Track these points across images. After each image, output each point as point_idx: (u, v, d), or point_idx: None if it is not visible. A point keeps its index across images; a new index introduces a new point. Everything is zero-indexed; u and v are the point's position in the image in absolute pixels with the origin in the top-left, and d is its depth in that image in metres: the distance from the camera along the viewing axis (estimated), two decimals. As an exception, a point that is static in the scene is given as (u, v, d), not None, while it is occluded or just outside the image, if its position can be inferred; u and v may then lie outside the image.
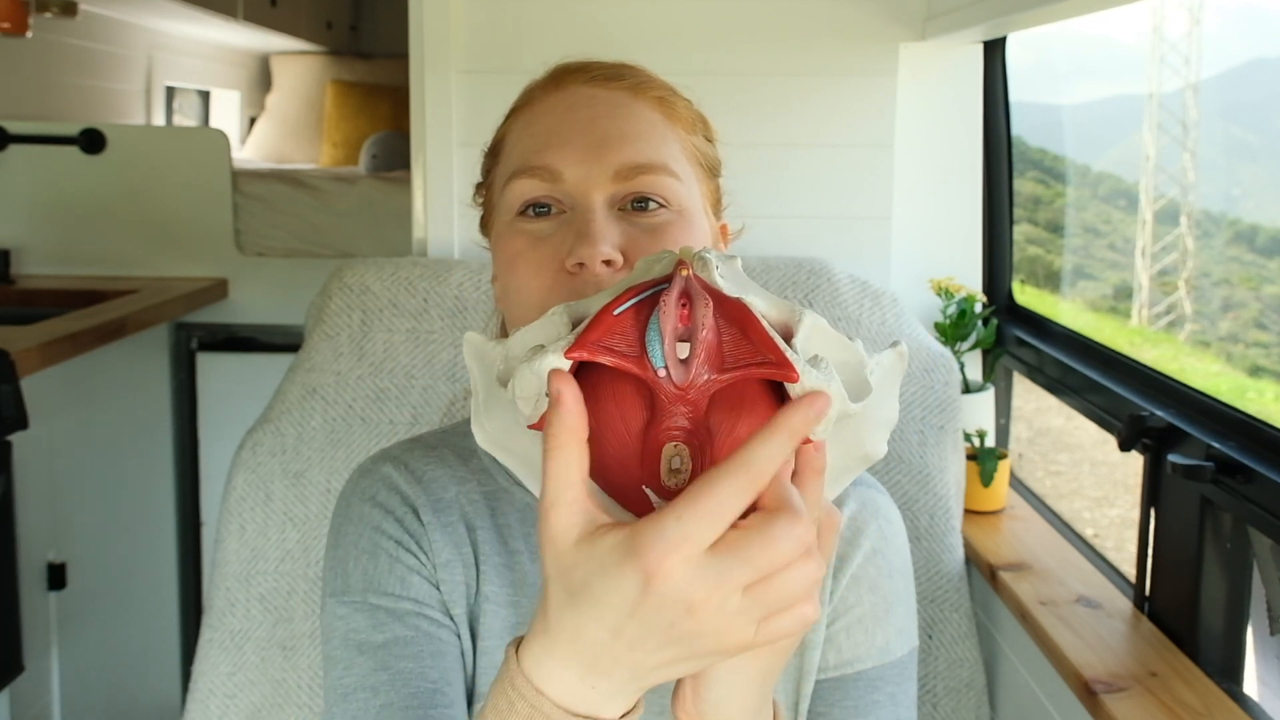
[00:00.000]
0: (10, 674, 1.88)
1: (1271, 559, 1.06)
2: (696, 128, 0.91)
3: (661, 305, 0.59)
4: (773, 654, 0.68)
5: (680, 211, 0.84)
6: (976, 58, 1.60)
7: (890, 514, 0.93)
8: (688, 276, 0.61)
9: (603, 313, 0.60)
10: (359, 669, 0.84)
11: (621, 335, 0.59)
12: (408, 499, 0.89)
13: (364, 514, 0.89)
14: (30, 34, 2.75)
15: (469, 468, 0.92)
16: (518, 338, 0.65)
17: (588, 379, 0.60)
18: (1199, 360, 3.41)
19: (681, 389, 0.58)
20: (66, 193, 2.80)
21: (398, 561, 0.87)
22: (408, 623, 0.85)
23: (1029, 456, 3.47)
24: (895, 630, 0.90)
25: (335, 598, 0.87)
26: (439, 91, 1.57)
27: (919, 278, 1.57)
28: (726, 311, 0.60)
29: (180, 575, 2.80)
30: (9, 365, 1.80)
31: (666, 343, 0.58)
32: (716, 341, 0.59)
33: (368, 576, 0.86)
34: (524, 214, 0.84)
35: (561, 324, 0.64)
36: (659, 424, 0.58)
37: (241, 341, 2.85)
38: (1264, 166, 3.55)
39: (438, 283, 1.37)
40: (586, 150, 0.83)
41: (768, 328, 0.60)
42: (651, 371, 0.58)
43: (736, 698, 0.69)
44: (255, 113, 4.60)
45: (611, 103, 0.86)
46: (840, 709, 0.88)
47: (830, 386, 0.59)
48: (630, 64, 0.90)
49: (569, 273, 0.79)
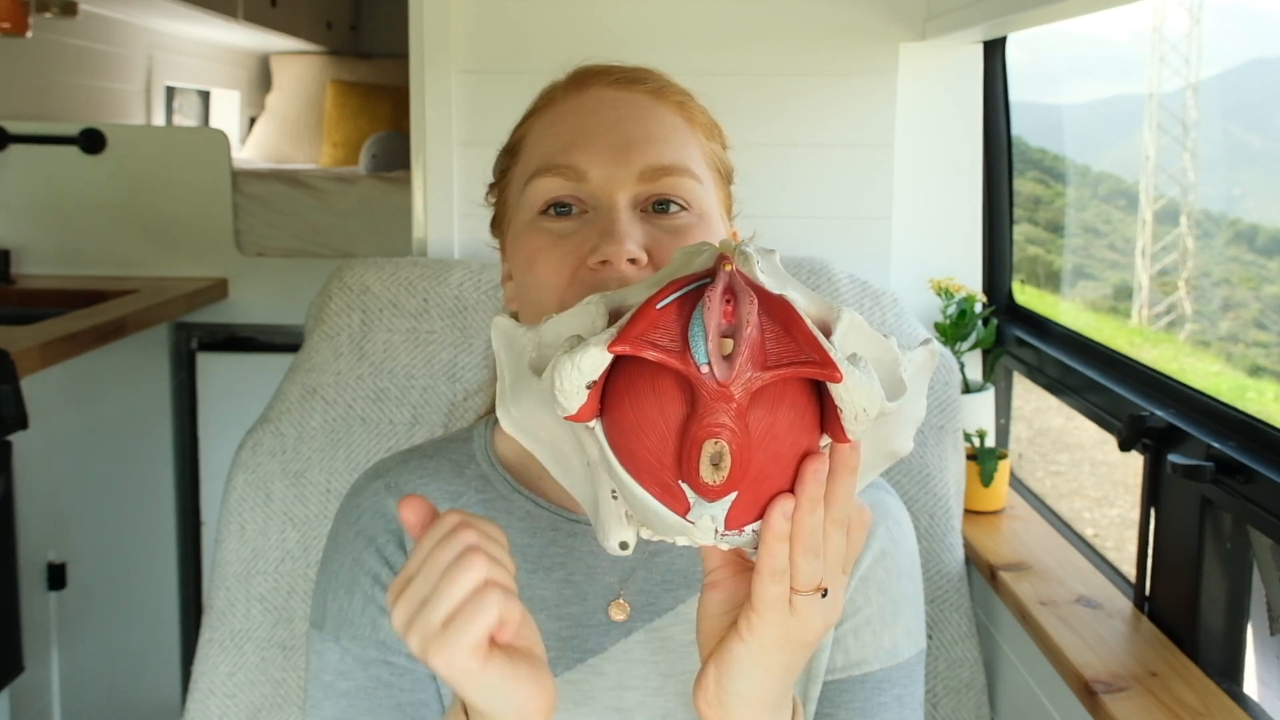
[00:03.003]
0: (10, 674, 1.88)
1: (1271, 559, 1.06)
2: (713, 134, 0.92)
3: (706, 301, 0.58)
4: (795, 649, 0.68)
5: (701, 215, 0.84)
6: (976, 58, 1.60)
7: (900, 516, 0.93)
8: (732, 272, 0.60)
9: (646, 306, 0.59)
10: (324, 712, 0.86)
11: (664, 329, 0.59)
12: (392, 524, 0.89)
13: (347, 543, 0.90)
14: (30, 34, 2.74)
15: (464, 479, 0.92)
16: (550, 325, 0.65)
17: (626, 370, 0.60)
18: (1199, 360, 3.41)
19: (724, 385, 0.57)
20: (66, 193, 2.80)
21: (371, 601, 0.87)
22: (370, 672, 0.86)
23: (1029, 456, 3.46)
24: (903, 632, 0.90)
25: (315, 628, 0.89)
26: (439, 91, 1.57)
27: (919, 278, 1.57)
28: (770, 308, 0.60)
29: (180, 575, 2.80)
30: (9, 365, 1.80)
31: (710, 339, 0.58)
32: (760, 339, 0.58)
33: (342, 614, 0.87)
34: (545, 213, 0.84)
35: (598, 314, 0.63)
36: (700, 420, 0.58)
37: (241, 341, 2.85)
38: (1264, 166, 3.55)
39: (438, 283, 1.37)
40: (612, 151, 0.83)
41: (811, 326, 0.59)
42: (694, 367, 0.57)
43: (758, 690, 0.69)
44: (255, 113, 4.60)
45: (635, 105, 0.87)
46: (847, 710, 0.88)
47: (872, 386, 0.59)
48: (649, 68, 0.91)
49: (590, 270, 0.79)
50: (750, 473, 0.60)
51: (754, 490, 0.61)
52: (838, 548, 0.65)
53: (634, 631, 0.87)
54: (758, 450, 0.59)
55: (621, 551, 0.66)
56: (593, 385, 0.60)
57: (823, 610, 0.67)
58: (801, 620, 0.66)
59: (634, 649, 0.86)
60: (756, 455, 0.59)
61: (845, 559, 0.67)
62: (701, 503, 0.60)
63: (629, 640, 0.87)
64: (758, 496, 0.62)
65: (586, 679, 0.86)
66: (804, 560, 0.64)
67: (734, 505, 0.61)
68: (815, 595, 0.66)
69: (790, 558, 0.64)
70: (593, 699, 0.86)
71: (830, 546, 0.65)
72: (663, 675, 0.86)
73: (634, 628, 0.87)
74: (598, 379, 0.60)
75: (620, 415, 0.61)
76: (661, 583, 0.88)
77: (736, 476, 0.59)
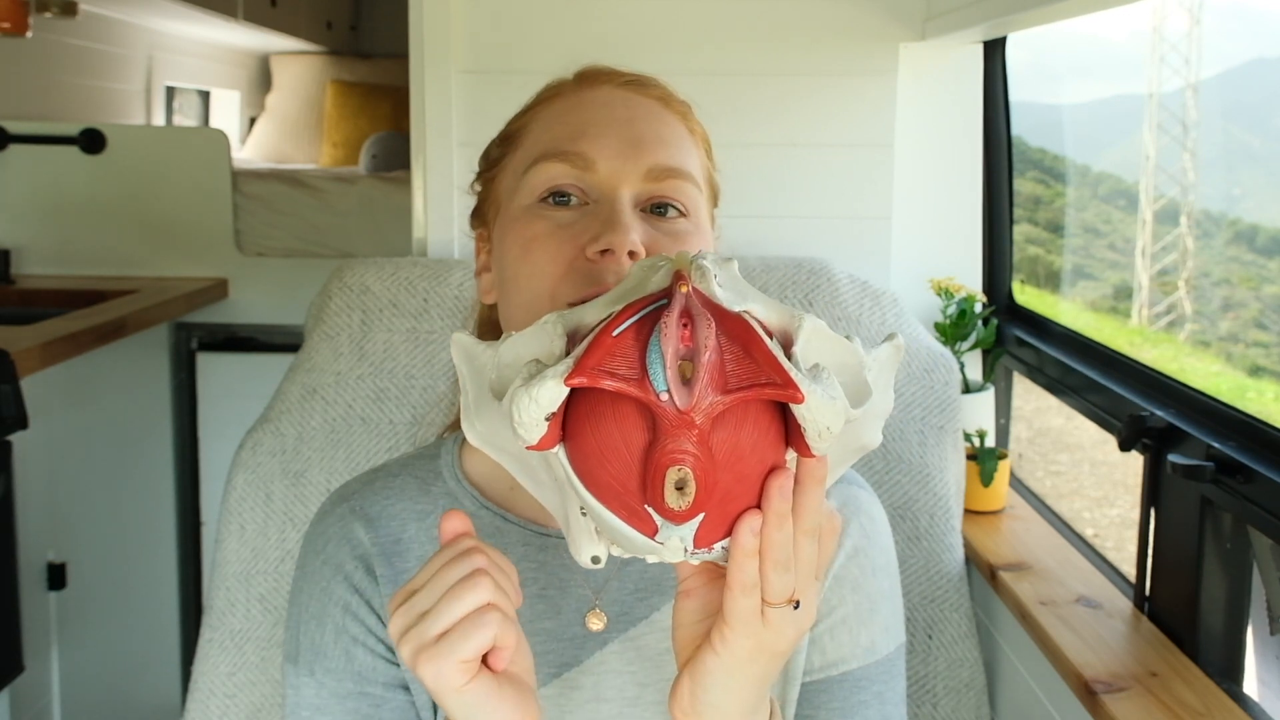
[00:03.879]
0: (10, 674, 1.88)
1: (1271, 559, 1.06)
2: (709, 151, 0.92)
3: (663, 326, 0.58)
4: (768, 659, 0.68)
5: (697, 225, 0.85)
6: (976, 58, 1.60)
7: (873, 511, 0.93)
8: (687, 293, 0.60)
9: (602, 334, 0.58)
10: None
11: (622, 357, 0.58)
12: (359, 549, 0.88)
13: (315, 572, 0.89)
14: (30, 34, 2.74)
15: (431, 496, 0.90)
16: (508, 345, 0.64)
17: (587, 396, 0.60)
18: (1199, 360, 3.40)
19: (684, 412, 0.57)
20: (66, 193, 2.80)
21: (343, 632, 0.86)
22: (347, 705, 0.85)
23: (1029, 456, 3.46)
24: (881, 629, 0.90)
25: (289, 662, 0.88)
26: (439, 91, 1.57)
27: (919, 278, 1.57)
28: (729, 328, 0.59)
29: (180, 575, 2.80)
30: (9, 365, 1.80)
31: (669, 365, 0.57)
32: (719, 361, 0.58)
33: (315, 647, 0.87)
34: (544, 200, 0.83)
35: (556, 334, 0.62)
36: (662, 446, 0.57)
37: (241, 341, 2.85)
38: (1264, 166, 3.55)
39: (438, 283, 1.37)
40: (623, 145, 0.83)
41: (771, 346, 0.58)
42: (653, 395, 0.57)
43: (733, 700, 0.69)
44: (255, 113, 4.60)
45: (646, 107, 0.87)
46: (827, 710, 0.87)
47: (835, 404, 0.58)
48: (654, 76, 0.91)
49: (589, 260, 0.79)
50: (716, 495, 0.59)
51: (721, 510, 0.61)
52: (809, 558, 0.65)
53: (609, 642, 0.86)
54: (723, 472, 0.59)
55: (594, 565, 0.66)
56: (552, 416, 0.59)
57: (795, 620, 0.66)
58: (774, 631, 0.66)
59: (610, 660, 0.86)
60: (722, 477, 0.59)
61: (817, 567, 0.67)
62: (669, 525, 0.60)
63: (604, 651, 0.86)
64: (725, 516, 0.62)
65: (563, 693, 0.85)
66: (774, 574, 0.64)
67: (702, 525, 0.61)
68: (788, 607, 0.65)
69: (760, 571, 0.64)
70: (569, 714, 0.85)
71: (801, 557, 0.65)
72: (639, 685, 0.86)
73: (609, 638, 0.86)
74: (556, 410, 0.59)
75: (583, 442, 0.60)
76: (635, 591, 0.87)
77: (702, 500, 0.59)
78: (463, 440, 0.93)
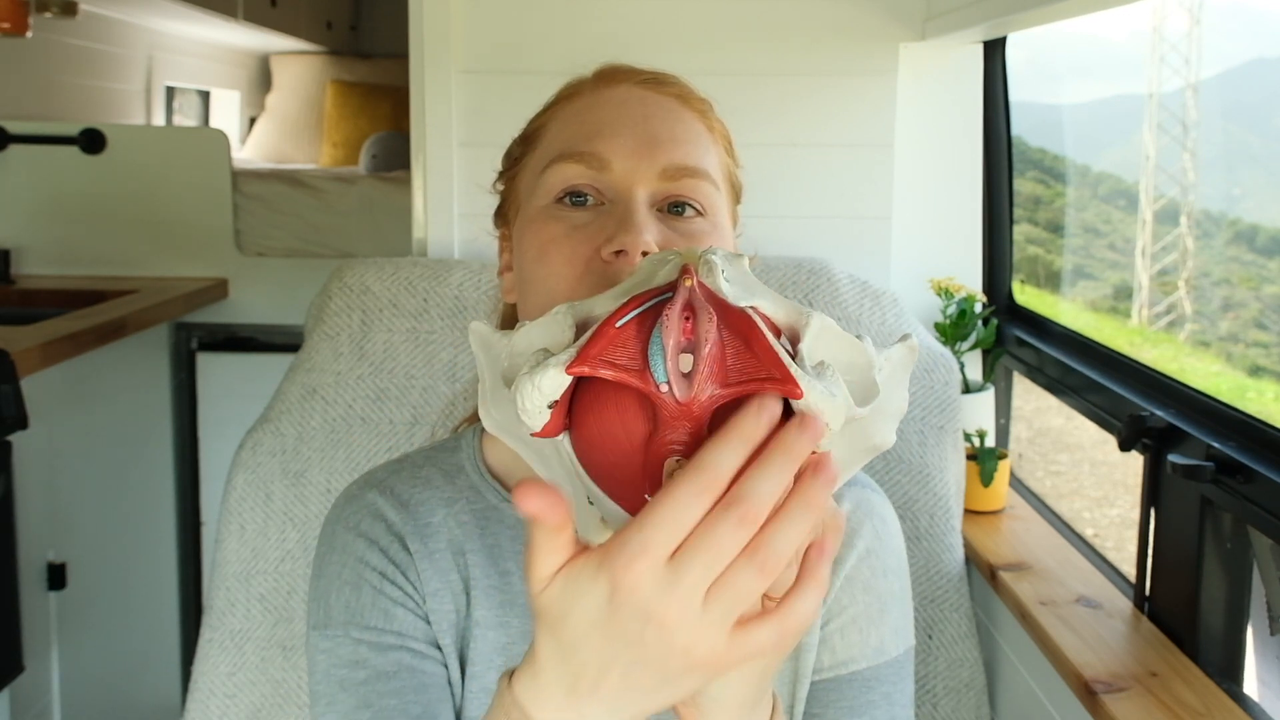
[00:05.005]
0: (10, 674, 1.88)
1: (1271, 559, 1.06)
2: (730, 149, 0.92)
3: (664, 319, 0.58)
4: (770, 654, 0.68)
5: (715, 224, 0.84)
6: (976, 58, 1.60)
7: (885, 514, 0.93)
8: (691, 287, 0.60)
9: (605, 325, 0.59)
10: (341, 706, 0.83)
11: (624, 348, 0.58)
12: (394, 528, 0.88)
13: (347, 544, 0.88)
14: (30, 34, 2.75)
15: (456, 487, 0.91)
16: (522, 334, 0.65)
17: (592, 385, 0.60)
18: (1199, 360, 3.40)
19: (684, 404, 0.57)
20: (66, 193, 2.80)
21: (381, 594, 0.86)
22: (390, 657, 0.84)
23: (1029, 456, 3.46)
24: (890, 630, 0.90)
25: (318, 630, 0.87)
26: (439, 91, 1.57)
27: (919, 278, 1.57)
28: (730, 323, 0.59)
29: (180, 575, 2.80)
30: (9, 365, 1.80)
31: (669, 357, 0.57)
32: (720, 355, 0.58)
33: (350, 609, 0.86)
34: (561, 201, 0.83)
35: (565, 325, 0.63)
36: (661, 437, 0.58)
37: (241, 341, 2.85)
38: (1264, 166, 3.55)
39: (438, 283, 1.37)
40: (638, 144, 0.83)
41: (772, 340, 0.59)
42: (653, 386, 0.57)
43: (735, 694, 0.69)
44: (255, 113, 4.60)
45: (663, 106, 0.87)
46: (835, 709, 0.88)
47: (834, 400, 0.59)
48: (673, 74, 0.91)
49: (603, 261, 0.78)
50: None
51: None
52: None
53: None
54: None
55: None
56: (555, 404, 0.60)
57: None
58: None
59: None
60: None
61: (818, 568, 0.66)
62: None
63: None
64: None
65: None
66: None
67: None
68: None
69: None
70: None
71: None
72: None
73: None
74: (560, 398, 0.60)
75: (586, 430, 0.61)
76: None
77: None
78: (482, 432, 0.94)
